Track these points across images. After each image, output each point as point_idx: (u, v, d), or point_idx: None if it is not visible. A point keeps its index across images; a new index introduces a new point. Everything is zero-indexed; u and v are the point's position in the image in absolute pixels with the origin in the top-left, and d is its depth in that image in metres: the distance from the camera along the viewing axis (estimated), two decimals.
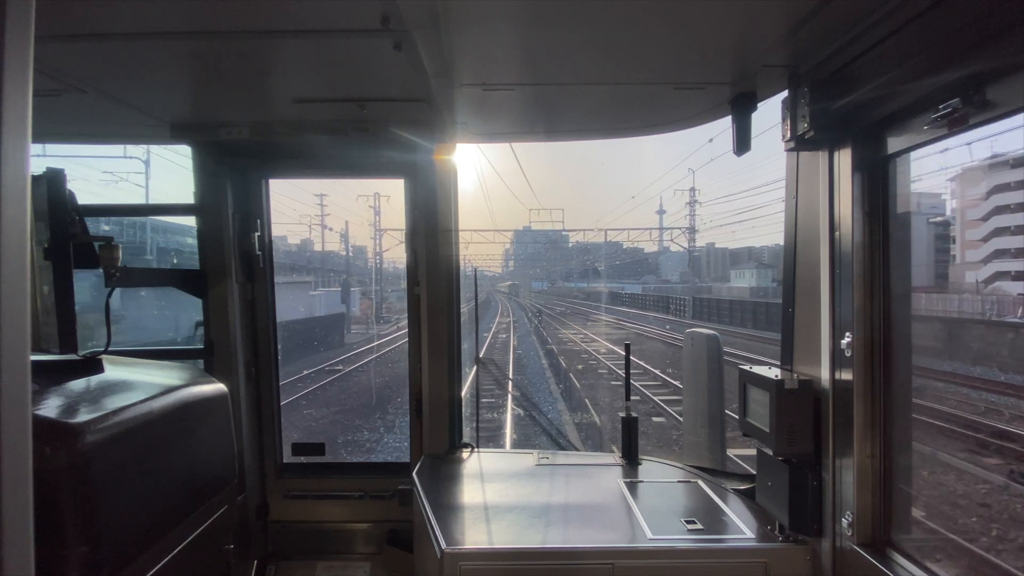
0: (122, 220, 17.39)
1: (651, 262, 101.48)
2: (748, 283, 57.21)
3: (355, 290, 34.96)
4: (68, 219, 2.08)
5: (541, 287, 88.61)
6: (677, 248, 42.88)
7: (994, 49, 1.32)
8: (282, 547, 3.21)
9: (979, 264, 25.66)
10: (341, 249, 43.54)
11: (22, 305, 0.68)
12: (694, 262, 46.41)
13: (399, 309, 36.22)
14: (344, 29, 1.70)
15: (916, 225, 2.20)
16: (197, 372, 2.15)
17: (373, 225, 37.54)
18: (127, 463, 1.48)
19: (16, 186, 0.67)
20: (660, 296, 53.60)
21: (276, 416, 3.28)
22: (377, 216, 37.10)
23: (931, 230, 23.24)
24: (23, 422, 0.67)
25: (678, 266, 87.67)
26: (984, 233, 25.81)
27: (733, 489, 2.59)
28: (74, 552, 1.28)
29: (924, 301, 20.13)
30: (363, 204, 56.44)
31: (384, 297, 38.05)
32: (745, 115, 2.31)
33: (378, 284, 38.23)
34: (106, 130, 2.87)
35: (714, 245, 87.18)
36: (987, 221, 25.85)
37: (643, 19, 1.70)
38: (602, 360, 20.78)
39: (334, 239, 68.45)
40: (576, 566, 2.03)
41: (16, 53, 0.66)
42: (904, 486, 1.90)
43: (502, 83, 2.23)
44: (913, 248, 1.91)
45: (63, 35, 1.73)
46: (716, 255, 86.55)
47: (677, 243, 39.44)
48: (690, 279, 60.28)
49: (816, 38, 1.81)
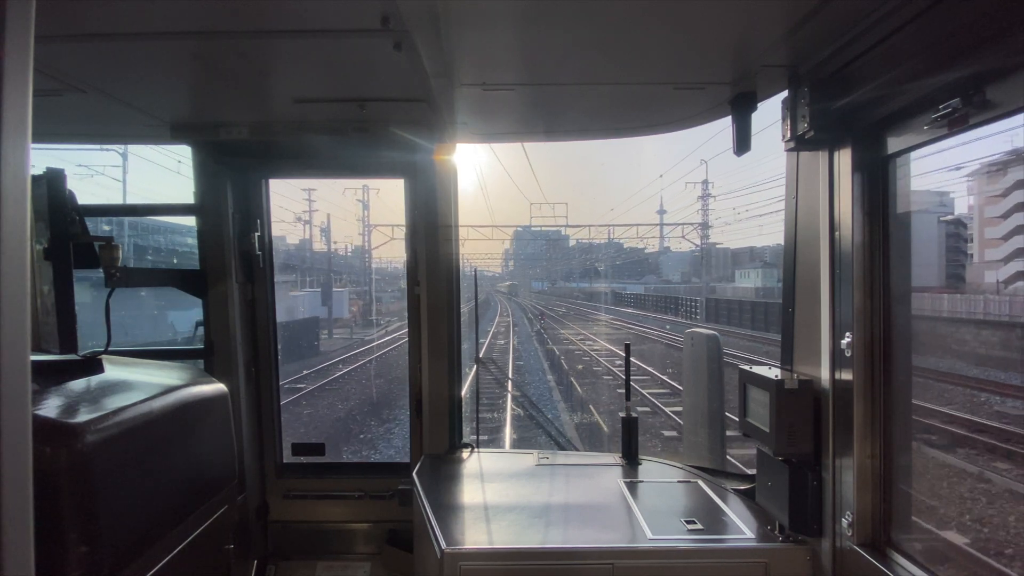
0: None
1: (651, 262, 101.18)
2: (753, 283, 56.19)
3: (341, 290, 32.91)
4: (68, 219, 2.08)
5: (542, 287, 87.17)
6: (688, 246, 41.28)
7: (994, 49, 1.32)
8: (282, 547, 3.21)
9: (1000, 263, 24.92)
10: (326, 246, 42.47)
11: (22, 305, 0.68)
12: (701, 260, 45.27)
13: (393, 311, 34.26)
14: (344, 29, 1.70)
15: (928, 224, 2.20)
16: (197, 372, 2.15)
17: (361, 220, 35.29)
18: (127, 463, 1.48)
19: (16, 186, 0.67)
20: (666, 296, 50.60)
21: (276, 416, 3.28)
22: (366, 211, 34.86)
23: (943, 228, 22.65)
24: (23, 422, 0.67)
25: (679, 266, 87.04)
26: (1005, 231, 25.17)
27: (733, 489, 2.59)
28: (74, 552, 1.28)
29: (946, 303, 18.96)
30: (351, 197, 53.67)
31: (377, 298, 36.49)
32: (745, 115, 2.31)
33: (367, 284, 36.47)
34: (106, 130, 2.87)
35: (715, 245, 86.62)
36: (1008, 219, 25.25)
37: (643, 19, 1.70)
38: (602, 361, 20.27)
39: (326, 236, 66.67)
40: (576, 566, 2.03)
41: (16, 53, 0.66)
42: (904, 486, 1.90)
43: (502, 83, 2.23)
44: (932, 247, 1.90)
45: (63, 35, 1.73)
46: (718, 255, 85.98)
47: (689, 239, 37.71)
48: (689, 279, 58.72)
49: (816, 38, 1.81)
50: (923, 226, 20.80)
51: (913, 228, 1.92)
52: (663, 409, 13.04)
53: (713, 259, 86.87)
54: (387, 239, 33.18)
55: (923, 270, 19.08)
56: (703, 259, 45.29)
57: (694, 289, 51.38)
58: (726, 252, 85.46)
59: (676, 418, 12.15)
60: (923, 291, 18.66)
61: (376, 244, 36.22)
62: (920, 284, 18.51)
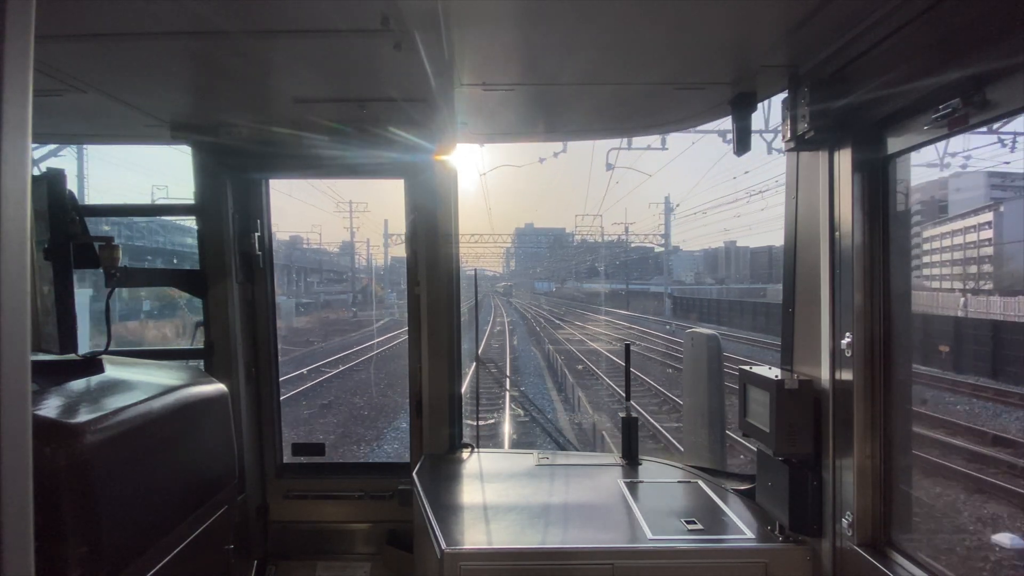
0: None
1: (657, 262, 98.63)
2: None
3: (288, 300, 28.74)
4: (68, 219, 2.07)
5: (548, 288, 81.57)
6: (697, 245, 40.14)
7: (994, 49, 1.32)
8: (282, 547, 3.21)
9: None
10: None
11: (22, 305, 0.67)
12: (719, 260, 43.48)
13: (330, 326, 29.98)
14: (344, 29, 1.70)
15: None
16: (197, 372, 2.15)
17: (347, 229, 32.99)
18: (127, 463, 1.48)
19: (16, 186, 0.67)
20: (702, 299, 42.78)
21: (276, 416, 3.28)
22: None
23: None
24: (23, 422, 0.67)
25: (691, 267, 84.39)
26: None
27: (733, 489, 2.59)
28: (74, 552, 1.28)
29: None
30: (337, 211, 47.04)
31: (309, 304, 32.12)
32: (745, 115, 2.31)
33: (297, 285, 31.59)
34: (106, 130, 2.87)
35: (735, 244, 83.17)
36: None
37: (643, 19, 1.70)
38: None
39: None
40: (576, 566, 2.03)
41: (16, 53, 0.66)
42: (904, 486, 1.90)
43: (502, 83, 2.23)
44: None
45: (63, 35, 1.73)
46: (736, 254, 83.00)
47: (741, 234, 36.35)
48: (702, 279, 54.56)
49: (816, 38, 1.81)
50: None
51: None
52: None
53: (733, 258, 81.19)
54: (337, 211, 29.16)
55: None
56: (752, 257, 42.37)
57: (736, 290, 45.04)
58: (746, 251, 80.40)
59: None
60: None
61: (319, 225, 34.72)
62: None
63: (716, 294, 52.18)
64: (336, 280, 41.70)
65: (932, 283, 37.20)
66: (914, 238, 21.99)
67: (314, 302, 38.03)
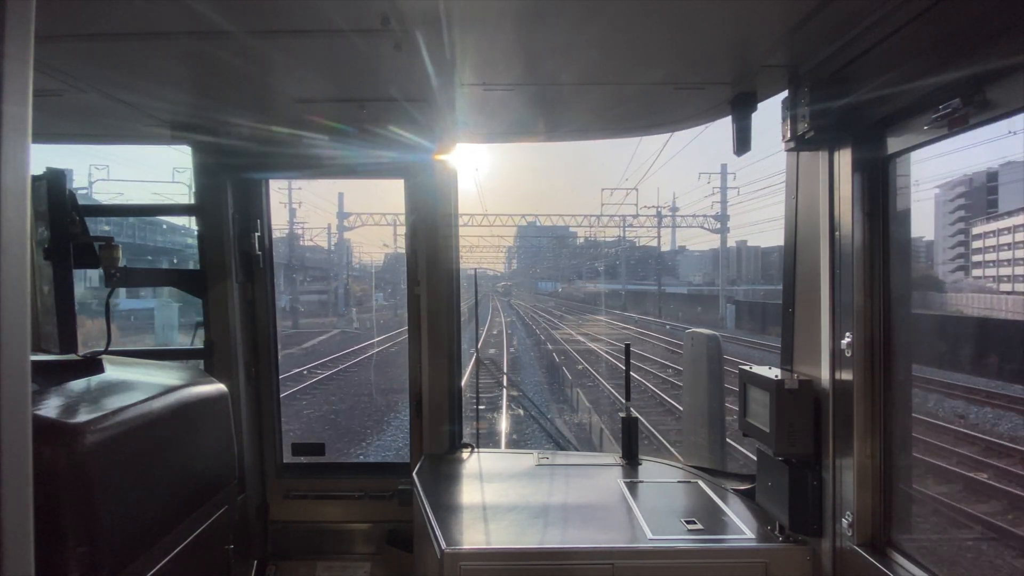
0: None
1: (666, 262, 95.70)
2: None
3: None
4: (68, 219, 2.07)
5: (553, 288, 75.45)
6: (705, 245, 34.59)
7: (994, 49, 1.32)
8: (282, 547, 3.21)
9: None
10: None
11: (22, 305, 0.68)
12: (736, 259, 36.97)
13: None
14: (345, 29, 1.70)
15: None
16: (197, 372, 2.15)
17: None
18: (127, 463, 1.48)
19: (16, 186, 0.67)
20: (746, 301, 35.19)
21: (276, 416, 3.28)
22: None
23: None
24: (23, 422, 0.67)
25: (700, 267, 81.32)
26: None
27: (733, 489, 2.59)
28: (74, 552, 1.28)
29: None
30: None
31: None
32: (745, 115, 2.31)
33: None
34: (106, 130, 2.87)
35: (746, 243, 78.53)
36: None
37: (643, 19, 1.70)
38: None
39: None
40: (576, 566, 2.03)
41: (16, 53, 0.66)
42: (904, 486, 1.90)
43: (502, 83, 2.23)
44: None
45: (63, 35, 1.73)
46: (748, 254, 79.14)
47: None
48: (714, 279, 47.78)
49: (816, 38, 1.81)
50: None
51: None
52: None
53: (744, 258, 75.70)
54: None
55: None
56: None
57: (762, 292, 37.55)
58: (757, 251, 75.14)
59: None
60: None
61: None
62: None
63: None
64: (320, 278, 39.04)
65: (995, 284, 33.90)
66: (960, 235, 20.72)
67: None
